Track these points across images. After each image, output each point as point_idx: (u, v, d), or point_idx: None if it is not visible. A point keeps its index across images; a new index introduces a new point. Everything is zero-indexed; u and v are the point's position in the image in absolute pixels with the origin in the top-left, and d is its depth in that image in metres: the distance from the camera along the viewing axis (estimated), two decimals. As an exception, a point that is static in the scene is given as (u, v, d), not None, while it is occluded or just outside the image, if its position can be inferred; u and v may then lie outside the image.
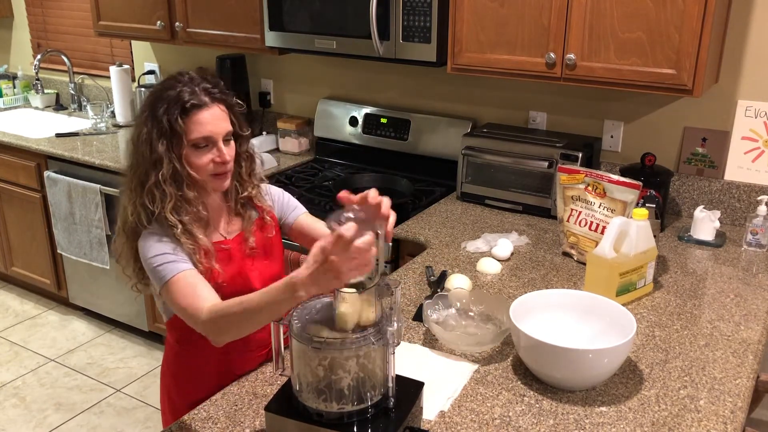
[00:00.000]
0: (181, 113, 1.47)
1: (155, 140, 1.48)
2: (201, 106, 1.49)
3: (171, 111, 1.47)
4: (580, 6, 2.22)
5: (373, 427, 1.28)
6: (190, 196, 1.52)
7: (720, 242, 2.34)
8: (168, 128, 1.47)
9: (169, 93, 1.49)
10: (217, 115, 1.51)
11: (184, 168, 1.50)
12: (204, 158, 1.51)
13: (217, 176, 1.54)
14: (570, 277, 2.12)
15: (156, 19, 3.25)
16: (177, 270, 1.47)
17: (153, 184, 1.50)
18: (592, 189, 2.13)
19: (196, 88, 1.50)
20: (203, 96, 1.50)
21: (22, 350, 3.57)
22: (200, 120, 1.49)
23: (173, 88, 1.49)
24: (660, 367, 1.65)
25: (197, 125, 1.49)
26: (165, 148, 1.48)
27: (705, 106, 2.49)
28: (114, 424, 3.02)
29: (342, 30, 2.68)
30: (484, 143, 2.66)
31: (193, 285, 1.46)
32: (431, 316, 1.78)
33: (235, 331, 1.41)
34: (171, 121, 1.47)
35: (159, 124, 1.48)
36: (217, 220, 1.64)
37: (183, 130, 1.47)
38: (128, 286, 1.63)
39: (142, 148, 1.51)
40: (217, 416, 1.47)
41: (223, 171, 1.54)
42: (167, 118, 1.47)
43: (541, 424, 1.44)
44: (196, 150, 1.51)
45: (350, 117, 3.19)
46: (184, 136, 1.48)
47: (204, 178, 1.54)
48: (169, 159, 1.48)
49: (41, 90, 4.28)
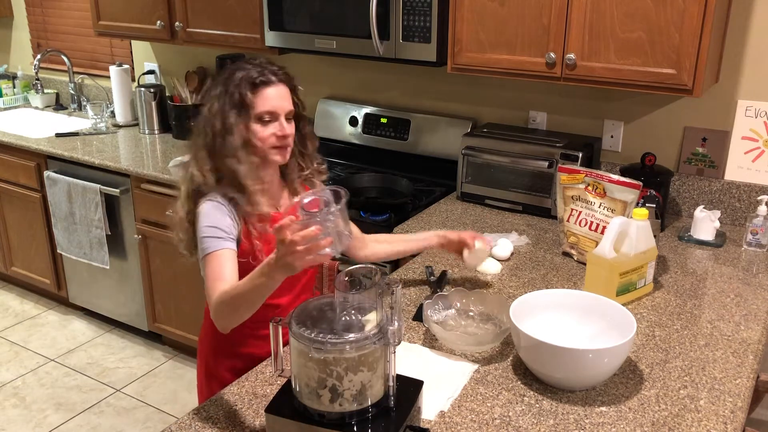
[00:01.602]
0: (251, 87, 1.62)
1: (228, 111, 1.62)
2: (268, 82, 1.63)
3: (242, 85, 1.62)
4: (580, 6, 2.22)
5: (373, 426, 1.28)
6: (255, 162, 1.65)
7: (720, 242, 2.34)
8: (239, 100, 1.61)
9: (239, 73, 1.64)
10: (282, 93, 1.66)
11: (251, 136, 1.63)
12: (267, 131, 1.64)
13: (277, 149, 1.67)
14: (570, 277, 2.12)
15: (156, 18, 3.25)
16: (218, 246, 1.58)
17: (224, 150, 1.62)
18: (592, 189, 2.13)
19: (265, 69, 1.65)
20: (270, 75, 1.64)
21: (22, 350, 3.57)
22: (267, 95, 1.63)
23: (244, 69, 1.65)
24: (660, 367, 1.65)
25: (264, 99, 1.63)
26: (236, 117, 1.62)
27: (705, 106, 2.49)
28: (114, 424, 3.02)
29: (342, 30, 2.68)
30: (484, 143, 2.66)
31: (223, 266, 1.56)
32: (431, 316, 1.78)
33: (232, 316, 1.50)
34: (242, 94, 1.61)
35: (231, 97, 1.62)
36: (278, 193, 1.76)
37: (252, 102, 1.61)
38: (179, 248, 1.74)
39: (214, 119, 1.64)
40: (217, 416, 1.47)
41: (284, 144, 1.67)
42: (239, 91, 1.61)
43: (541, 424, 1.44)
44: (261, 123, 1.64)
45: (350, 117, 3.19)
46: (251, 109, 1.62)
47: (265, 150, 1.65)
48: (239, 128, 1.62)
49: (41, 90, 4.28)
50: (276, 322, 1.38)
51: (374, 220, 2.56)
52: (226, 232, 1.61)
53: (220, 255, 1.58)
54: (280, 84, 1.66)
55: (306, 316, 1.32)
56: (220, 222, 1.61)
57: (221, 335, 1.73)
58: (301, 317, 1.32)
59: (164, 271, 3.27)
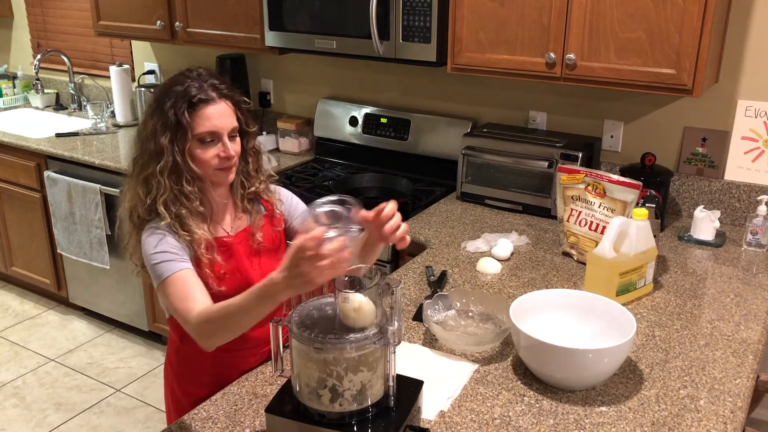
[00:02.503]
0: (188, 107, 1.50)
1: (159, 132, 1.50)
2: (208, 101, 1.51)
3: (178, 105, 1.49)
4: (580, 6, 2.22)
5: (374, 426, 1.28)
6: (187, 191, 1.53)
7: (720, 242, 2.34)
8: (174, 121, 1.49)
9: (177, 88, 1.52)
10: (223, 111, 1.53)
11: (185, 162, 1.52)
12: (209, 152, 1.53)
13: (221, 170, 1.56)
14: (570, 277, 2.12)
15: (156, 18, 3.25)
16: (174, 269, 1.48)
17: (150, 174, 1.52)
18: (592, 189, 2.13)
19: (204, 83, 1.53)
20: (210, 91, 1.52)
21: (22, 350, 3.57)
22: (206, 114, 1.51)
23: (181, 84, 1.52)
24: (660, 367, 1.65)
25: (203, 119, 1.51)
26: (168, 141, 1.50)
27: (705, 106, 2.49)
28: (114, 424, 3.02)
29: (342, 30, 2.68)
30: (484, 143, 2.66)
31: (188, 286, 1.47)
32: (431, 316, 1.78)
33: (222, 335, 1.43)
34: (177, 115, 1.49)
35: (165, 117, 1.50)
36: (222, 215, 1.65)
37: (189, 124, 1.50)
38: (133, 273, 1.65)
39: (146, 139, 1.54)
40: (217, 416, 1.47)
41: (228, 165, 1.56)
42: (174, 111, 1.49)
43: (541, 424, 1.44)
44: (202, 144, 1.53)
45: (350, 117, 3.19)
46: (189, 130, 1.50)
47: (209, 172, 1.55)
48: (170, 152, 1.50)
49: (41, 90, 4.28)
50: (276, 322, 1.38)
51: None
52: (177, 254, 1.50)
53: (180, 277, 1.48)
54: (221, 101, 1.53)
55: (306, 315, 1.32)
56: (167, 245, 1.50)
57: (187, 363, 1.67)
58: (302, 317, 1.32)
59: (164, 271, 3.27)
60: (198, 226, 1.55)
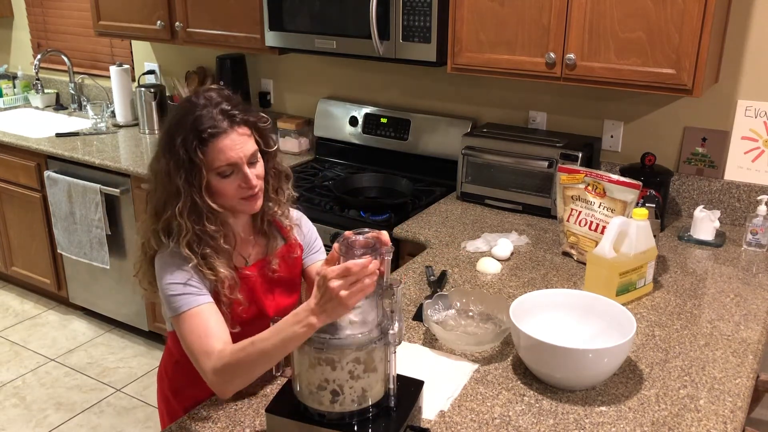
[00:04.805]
0: (199, 144, 1.39)
1: (173, 172, 1.40)
2: (219, 133, 1.40)
3: (188, 142, 1.38)
4: (580, 6, 2.22)
5: (375, 426, 1.28)
6: (210, 230, 1.44)
7: (720, 242, 2.34)
8: (186, 160, 1.39)
9: (186, 119, 1.41)
10: (238, 140, 1.42)
11: (204, 201, 1.42)
12: (230, 185, 1.44)
13: (246, 200, 1.47)
14: (570, 277, 2.12)
15: (156, 18, 3.25)
16: (193, 304, 1.41)
17: (170, 216, 1.43)
18: (592, 189, 2.13)
19: (214, 110, 1.41)
20: (222, 121, 1.41)
21: (22, 350, 3.57)
22: (221, 148, 1.40)
23: (191, 113, 1.41)
24: (660, 366, 1.65)
25: (219, 153, 1.40)
26: (183, 181, 1.40)
27: (705, 106, 2.49)
28: (114, 424, 3.02)
29: (342, 30, 2.68)
30: (484, 143, 2.66)
31: (207, 321, 1.40)
32: (431, 316, 1.78)
33: (246, 376, 1.36)
34: (189, 153, 1.39)
35: (176, 156, 1.39)
36: (245, 245, 1.57)
37: (203, 161, 1.40)
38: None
39: (160, 178, 1.44)
40: (217, 416, 1.47)
41: (252, 194, 1.47)
42: (185, 149, 1.39)
43: (541, 423, 1.44)
44: (222, 178, 1.43)
45: (350, 117, 3.19)
46: (203, 167, 1.40)
47: (233, 204, 1.47)
48: (188, 192, 1.41)
49: (41, 90, 4.28)
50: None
51: (374, 220, 2.56)
52: (195, 286, 1.42)
53: (200, 312, 1.40)
54: (234, 129, 1.41)
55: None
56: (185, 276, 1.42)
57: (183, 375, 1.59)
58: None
59: (164, 271, 3.27)
60: (223, 266, 1.46)
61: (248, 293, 1.56)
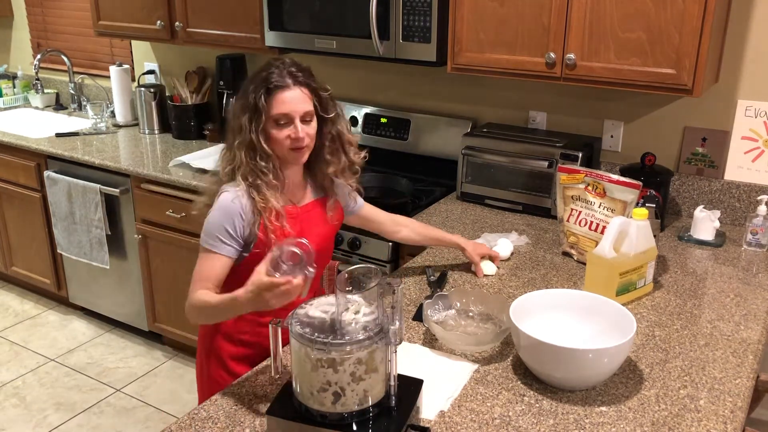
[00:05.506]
0: (265, 92, 1.66)
1: (240, 112, 1.69)
2: (283, 87, 1.66)
3: (258, 90, 1.66)
4: (580, 6, 2.22)
5: (376, 426, 1.28)
6: (261, 166, 1.69)
7: (720, 242, 2.34)
8: (252, 104, 1.66)
9: (261, 74, 1.68)
10: (297, 97, 1.67)
11: (259, 141, 1.67)
12: (282, 133, 1.68)
13: (293, 150, 1.70)
14: (570, 277, 2.12)
15: (156, 18, 3.25)
16: (220, 250, 1.67)
17: (233, 147, 1.71)
18: (592, 189, 2.13)
19: (284, 70, 1.67)
20: (287, 78, 1.67)
21: (22, 350, 3.57)
22: (281, 99, 1.66)
23: (266, 70, 1.68)
24: (660, 366, 1.65)
25: (278, 103, 1.66)
26: (246, 120, 1.67)
27: (705, 106, 2.49)
28: (114, 424, 3.02)
29: (342, 30, 2.69)
30: (484, 143, 2.66)
31: (214, 268, 1.67)
32: (431, 316, 1.78)
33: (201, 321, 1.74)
34: (256, 99, 1.66)
35: (246, 100, 1.68)
36: (294, 190, 1.80)
37: (264, 107, 1.66)
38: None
39: (232, 117, 1.73)
40: (217, 416, 1.47)
41: (299, 146, 1.69)
42: (254, 96, 1.66)
43: (541, 424, 1.44)
44: (277, 125, 1.68)
45: (350, 117, 3.19)
46: (264, 113, 1.66)
47: (283, 151, 1.70)
48: (248, 130, 1.67)
49: (41, 90, 4.28)
50: (275, 323, 1.38)
51: (374, 220, 2.56)
52: (233, 236, 1.68)
53: (217, 259, 1.68)
54: (297, 87, 1.68)
55: (306, 316, 1.32)
56: (231, 222, 1.67)
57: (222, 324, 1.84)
58: (302, 318, 1.32)
59: (164, 271, 3.27)
60: (272, 195, 1.70)
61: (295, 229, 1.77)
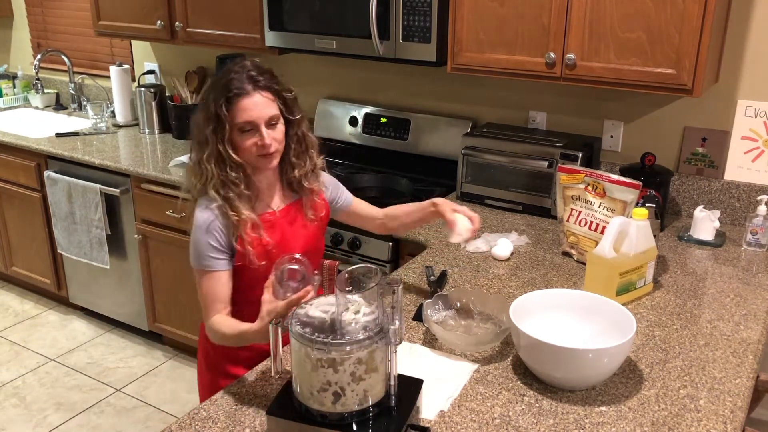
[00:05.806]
0: (225, 101, 1.62)
1: (203, 124, 1.65)
2: (243, 94, 1.62)
3: (218, 99, 1.62)
4: (580, 6, 2.22)
5: (376, 426, 1.28)
6: (231, 177, 1.65)
7: (720, 242, 2.34)
8: (214, 114, 1.62)
9: (220, 81, 1.65)
10: (260, 102, 1.63)
11: (227, 151, 1.64)
12: (248, 141, 1.64)
13: (262, 157, 1.67)
14: (570, 277, 2.12)
15: (156, 18, 3.25)
16: (216, 267, 1.66)
17: (198, 161, 1.67)
18: (592, 189, 2.13)
19: (243, 75, 1.63)
20: (247, 84, 1.62)
21: (22, 350, 3.57)
22: (243, 106, 1.62)
23: (225, 77, 1.65)
24: (660, 366, 1.65)
25: (240, 111, 1.62)
26: (211, 131, 1.63)
27: (705, 106, 2.49)
28: (114, 424, 3.02)
29: (342, 30, 2.69)
30: (484, 143, 2.66)
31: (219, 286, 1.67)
32: (431, 316, 1.78)
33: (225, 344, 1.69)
34: (217, 108, 1.62)
35: (208, 110, 1.64)
36: (269, 195, 1.77)
37: (227, 116, 1.62)
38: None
39: (195, 128, 1.69)
40: (217, 416, 1.47)
41: (266, 153, 1.66)
42: (214, 105, 1.62)
43: (541, 423, 1.44)
44: (242, 133, 1.64)
45: (350, 117, 3.19)
46: (227, 122, 1.62)
47: (251, 159, 1.67)
48: (213, 141, 1.64)
49: (41, 90, 4.28)
50: (276, 323, 1.38)
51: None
52: (220, 249, 1.66)
53: (218, 276, 1.67)
54: (258, 92, 1.63)
55: (306, 316, 1.32)
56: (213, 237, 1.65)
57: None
58: (302, 318, 1.32)
59: (164, 271, 3.27)
60: (245, 208, 1.67)
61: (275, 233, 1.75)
